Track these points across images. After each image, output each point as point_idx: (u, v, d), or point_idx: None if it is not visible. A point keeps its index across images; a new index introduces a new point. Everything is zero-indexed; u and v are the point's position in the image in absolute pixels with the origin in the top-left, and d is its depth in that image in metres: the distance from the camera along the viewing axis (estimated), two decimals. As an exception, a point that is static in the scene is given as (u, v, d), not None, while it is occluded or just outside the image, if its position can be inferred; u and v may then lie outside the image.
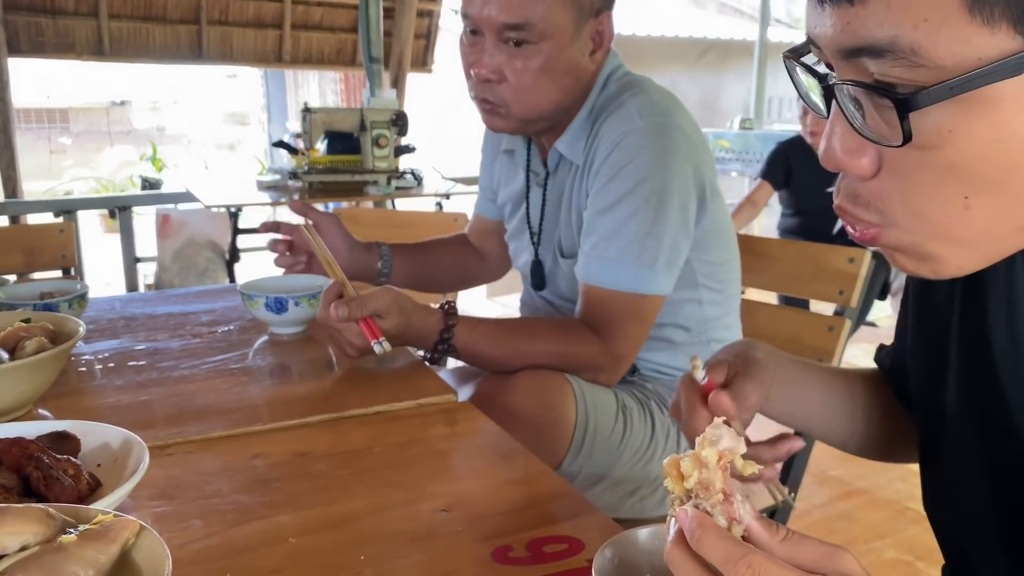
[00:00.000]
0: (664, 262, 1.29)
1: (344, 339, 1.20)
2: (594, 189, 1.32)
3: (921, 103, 0.50)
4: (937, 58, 0.49)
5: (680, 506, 0.54)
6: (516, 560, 0.76)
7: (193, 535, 0.80)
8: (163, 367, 1.25)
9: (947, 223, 0.54)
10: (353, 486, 0.91)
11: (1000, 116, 0.49)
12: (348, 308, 1.18)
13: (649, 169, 1.27)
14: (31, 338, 1.04)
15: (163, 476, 0.92)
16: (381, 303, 1.20)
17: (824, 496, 2.74)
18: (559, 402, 1.29)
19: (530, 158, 1.51)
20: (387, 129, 3.51)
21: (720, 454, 0.54)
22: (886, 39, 0.50)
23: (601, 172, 1.31)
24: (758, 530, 0.52)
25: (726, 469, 0.53)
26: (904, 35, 0.49)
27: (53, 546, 0.58)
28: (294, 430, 1.05)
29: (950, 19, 0.48)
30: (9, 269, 1.62)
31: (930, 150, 0.52)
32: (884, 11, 0.50)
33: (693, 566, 0.51)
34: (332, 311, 1.18)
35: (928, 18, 0.48)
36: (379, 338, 1.19)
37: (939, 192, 0.53)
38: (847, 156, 0.56)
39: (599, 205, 1.31)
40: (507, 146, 1.57)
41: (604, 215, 1.30)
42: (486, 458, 1.01)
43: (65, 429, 0.87)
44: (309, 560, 0.76)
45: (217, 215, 3.82)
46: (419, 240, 1.75)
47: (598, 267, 1.31)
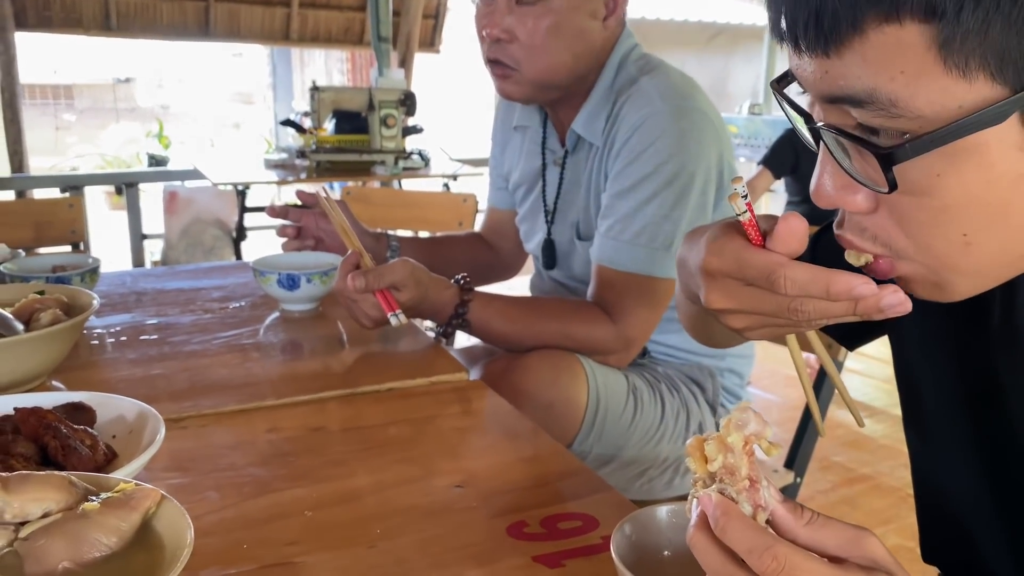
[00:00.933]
0: (679, 246, 1.29)
1: (360, 310, 1.20)
2: (614, 171, 1.31)
3: (903, 157, 0.50)
4: (916, 108, 0.48)
5: (703, 488, 0.54)
6: (531, 536, 0.77)
7: (209, 507, 0.80)
8: (175, 342, 1.25)
9: (951, 257, 0.54)
10: (367, 461, 0.91)
11: (987, 160, 0.49)
12: (365, 279, 1.18)
13: (670, 152, 1.27)
14: (46, 310, 1.05)
15: (177, 449, 0.92)
16: (398, 275, 1.19)
17: (828, 482, 2.75)
18: (570, 383, 1.29)
19: (546, 136, 1.50)
20: (395, 109, 3.50)
21: (746, 439, 0.53)
22: (864, 91, 0.50)
23: (621, 154, 1.30)
24: (783, 514, 0.52)
25: (752, 454, 0.52)
26: (881, 87, 0.49)
27: (76, 513, 0.59)
28: (307, 405, 1.05)
29: (925, 71, 0.47)
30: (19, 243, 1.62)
31: (921, 195, 0.52)
32: (860, 64, 0.49)
33: (716, 552, 0.51)
34: (349, 282, 1.18)
35: (904, 70, 0.48)
36: (396, 310, 1.19)
37: (938, 231, 0.53)
38: (841, 194, 0.56)
39: (618, 187, 1.30)
40: (519, 122, 1.56)
41: (623, 197, 1.30)
42: (499, 436, 1.02)
43: (81, 400, 0.88)
44: (325, 533, 0.76)
45: (224, 193, 3.82)
46: (427, 220, 1.75)
47: (613, 249, 1.30)
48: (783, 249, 0.59)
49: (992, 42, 0.45)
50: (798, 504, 0.53)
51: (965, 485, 0.71)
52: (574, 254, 1.48)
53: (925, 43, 0.46)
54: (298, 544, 0.74)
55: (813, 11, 0.49)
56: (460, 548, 0.74)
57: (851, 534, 0.51)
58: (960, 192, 0.50)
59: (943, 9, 0.45)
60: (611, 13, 1.34)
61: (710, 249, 0.63)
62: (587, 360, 1.32)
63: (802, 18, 0.50)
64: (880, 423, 3.13)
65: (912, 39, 0.47)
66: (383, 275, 1.19)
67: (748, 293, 0.61)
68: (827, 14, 0.49)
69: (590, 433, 1.32)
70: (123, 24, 4.72)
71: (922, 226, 0.53)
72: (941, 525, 0.78)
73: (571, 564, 0.72)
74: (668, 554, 0.67)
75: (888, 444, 2.99)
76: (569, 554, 0.73)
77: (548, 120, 1.50)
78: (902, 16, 0.46)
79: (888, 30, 0.47)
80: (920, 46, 0.47)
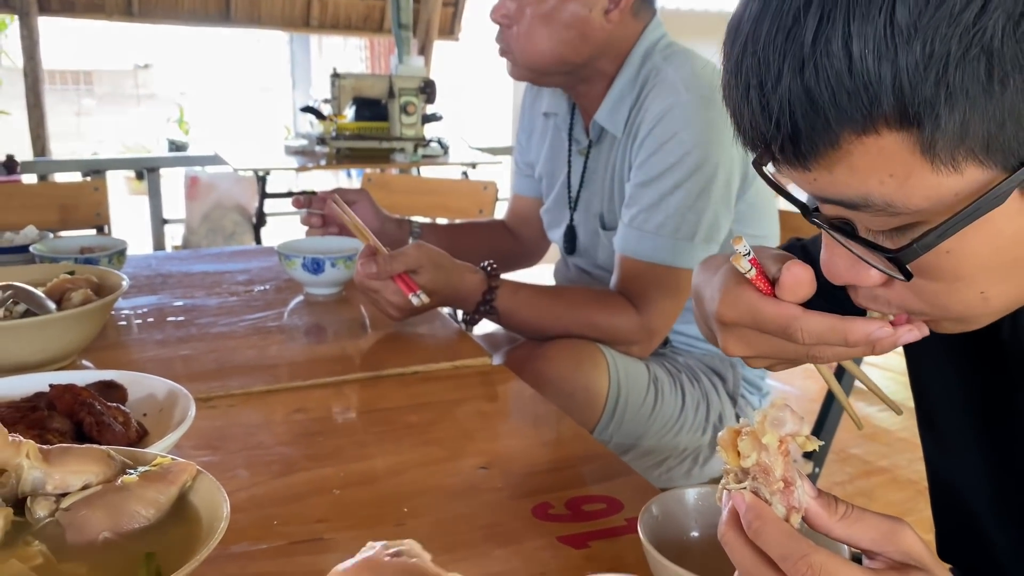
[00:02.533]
0: (703, 237, 1.29)
1: (383, 299, 1.21)
2: (638, 161, 1.32)
3: (912, 257, 0.49)
4: (913, 205, 0.48)
5: (735, 482, 0.53)
6: (556, 517, 0.77)
7: (240, 484, 0.81)
8: (201, 323, 1.26)
9: (970, 310, 0.54)
10: (392, 442, 0.92)
11: (993, 229, 0.48)
12: (377, 265, 1.19)
13: (694, 143, 1.27)
14: (77, 289, 1.06)
15: (207, 427, 0.93)
16: (411, 257, 1.20)
17: (845, 474, 2.75)
18: (592, 371, 1.29)
19: (573, 124, 1.50)
20: (415, 96, 3.50)
21: (781, 439, 0.51)
22: (857, 197, 0.49)
23: (645, 144, 1.30)
24: (816, 510, 0.51)
25: (787, 454, 0.51)
26: (873, 192, 0.48)
27: (115, 485, 0.60)
28: (332, 387, 1.06)
29: (914, 172, 0.46)
30: (44, 226, 1.64)
31: (934, 273, 0.52)
32: (847, 173, 0.48)
33: (749, 552, 0.51)
34: (360, 268, 1.19)
35: (893, 173, 0.47)
36: (416, 291, 1.19)
37: (954, 296, 0.53)
38: (853, 273, 0.55)
39: (642, 177, 1.31)
40: (548, 109, 1.56)
41: (647, 187, 1.30)
42: (523, 419, 1.02)
43: (112, 379, 0.89)
44: (353, 511, 0.77)
45: (245, 179, 3.84)
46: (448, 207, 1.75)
47: (636, 239, 1.31)
48: (792, 299, 0.60)
49: (975, 136, 0.44)
50: (832, 498, 0.52)
51: (978, 488, 0.72)
52: (598, 244, 1.48)
53: (908, 148, 0.45)
54: (327, 521, 0.75)
55: (787, 135, 0.48)
56: (486, 528, 0.75)
57: (885, 528, 0.50)
58: (972, 263, 0.50)
59: (919, 118, 0.44)
60: (615, 7, 1.34)
61: (724, 300, 0.64)
62: (608, 349, 1.32)
63: (776, 142, 0.49)
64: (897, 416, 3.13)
65: (894, 146, 0.46)
66: (396, 260, 1.20)
67: (765, 341, 0.63)
68: (802, 136, 0.47)
69: (610, 422, 1.33)
70: (144, 9, 4.74)
71: (938, 295, 0.53)
72: (955, 525, 0.78)
73: (596, 545, 0.73)
74: (694, 536, 0.68)
75: (906, 437, 2.98)
76: (594, 535, 0.74)
77: (576, 109, 1.50)
78: (878, 128, 0.45)
79: (867, 140, 0.46)
80: (904, 151, 0.46)
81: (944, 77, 0.43)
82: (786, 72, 0.46)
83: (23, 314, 1.01)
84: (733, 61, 0.51)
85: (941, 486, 0.79)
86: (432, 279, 1.22)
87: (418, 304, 1.20)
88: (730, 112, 0.53)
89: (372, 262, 1.19)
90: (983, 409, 0.70)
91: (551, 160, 1.57)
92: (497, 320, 1.32)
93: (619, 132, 1.37)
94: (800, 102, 0.46)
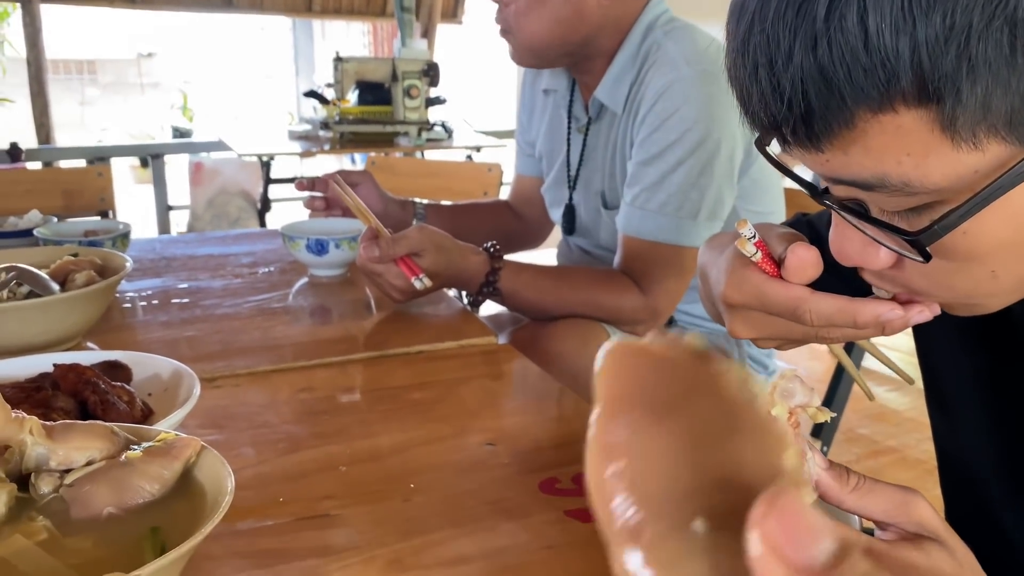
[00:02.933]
0: (707, 214, 1.28)
1: (386, 282, 1.21)
2: (639, 138, 1.30)
3: (932, 239, 0.48)
4: (931, 184, 0.46)
5: None
6: (563, 491, 0.77)
7: (246, 462, 0.81)
8: (206, 305, 1.26)
9: (979, 291, 0.53)
10: (398, 420, 0.92)
11: (1012, 209, 0.47)
12: (380, 248, 1.18)
13: (695, 119, 1.26)
14: (81, 271, 1.06)
15: (212, 407, 0.93)
16: (413, 240, 1.20)
17: (852, 454, 2.74)
18: (597, 350, 1.29)
19: (573, 101, 1.49)
20: (418, 80, 3.49)
21: (791, 411, 0.50)
22: (873, 178, 0.47)
23: (647, 121, 1.29)
24: (828, 482, 0.50)
25: (797, 426, 0.50)
26: (890, 172, 0.46)
27: (119, 461, 0.60)
28: (338, 367, 1.06)
29: (932, 150, 0.45)
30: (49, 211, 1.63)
31: (949, 254, 0.50)
32: (862, 154, 0.46)
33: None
34: (363, 252, 1.19)
35: (910, 152, 0.45)
36: (419, 275, 1.19)
37: (966, 275, 0.52)
38: (863, 254, 0.54)
39: (644, 155, 1.29)
40: (548, 85, 1.55)
41: (648, 165, 1.29)
42: (529, 396, 1.02)
43: (117, 359, 0.89)
44: (360, 487, 0.77)
45: (249, 164, 3.83)
46: (452, 189, 1.74)
47: (639, 219, 1.30)
48: (799, 281, 0.59)
49: (997, 112, 0.43)
50: (844, 469, 0.51)
51: (988, 466, 0.71)
52: (600, 223, 1.47)
53: (927, 125, 0.44)
54: (334, 498, 0.75)
55: (799, 115, 0.46)
56: (493, 503, 0.75)
57: (898, 498, 0.49)
58: (988, 242, 0.49)
59: (939, 93, 0.42)
60: None
61: (729, 283, 0.63)
62: (613, 330, 1.32)
63: (788, 123, 0.47)
64: (905, 396, 3.11)
65: (912, 124, 0.44)
66: (397, 243, 1.19)
67: (772, 323, 0.62)
68: (815, 117, 0.45)
69: (616, 401, 1.32)
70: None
71: (949, 274, 0.52)
72: (964, 504, 0.78)
73: (604, 519, 0.72)
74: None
75: (913, 417, 2.97)
76: (601, 509, 0.74)
77: (576, 85, 1.49)
78: (896, 105, 0.43)
79: (884, 119, 0.44)
80: (922, 129, 0.44)
81: (966, 50, 0.41)
82: (797, 49, 0.44)
83: (27, 295, 1.00)
84: (739, 39, 0.49)
85: (950, 465, 0.78)
86: (435, 262, 1.21)
87: (421, 288, 1.20)
88: (736, 94, 0.51)
89: (374, 245, 1.19)
90: (993, 387, 0.69)
91: (550, 138, 1.56)
92: (501, 301, 1.31)
93: (619, 109, 1.36)
94: (813, 80, 0.44)
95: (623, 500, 0.27)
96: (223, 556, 0.66)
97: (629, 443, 0.29)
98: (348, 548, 0.68)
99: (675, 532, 0.27)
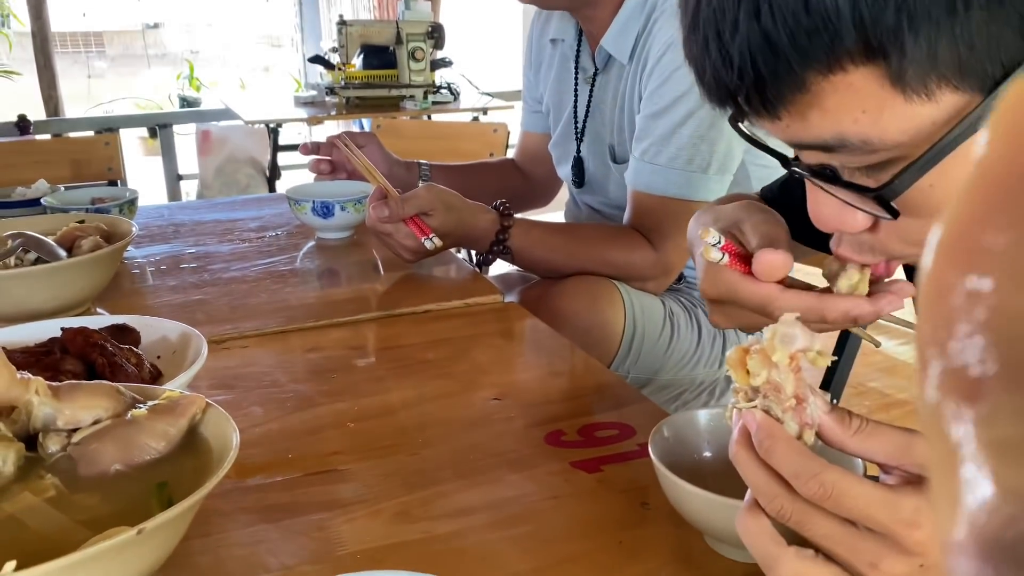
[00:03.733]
0: (717, 168, 1.27)
1: (396, 242, 1.20)
2: (647, 91, 1.29)
3: (895, 193, 0.48)
4: (890, 140, 0.46)
5: (745, 401, 0.51)
6: (568, 443, 0.77)
7: (254, 420, 0.82)
8: (214, 269, 1.26)
9: None
10: (406, 378, 0.92)
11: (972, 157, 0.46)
12: (389, 208, 1.18)
13: None
14: (87, 237, 1.06)
15: (221, 368, 0.94)
16: (423, 200, 1.19)
17: (864, 408, 2.74)
18: (607, 308, 1.28)
19: (580, 52, 1.47)
20: (423, 42, 3.45)
21: (792, 355, 0.49)
22: (832, 138, 0.47)
23: (655, 74, 1.27)
24: (830, 425, 0.49)
25: (798, 371, 0.49)
26: (848, 131, 0.47)
27: (125, 420, 0.60)
28: (345, 327, 1.06)
29: (887, 105, 0.45)
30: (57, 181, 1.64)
31: (920, 209, 0.50)
32: (819, 115, 0.47)
33: (760, 470, 0.49)
34: (373, 212, 1.18)
35: (865, 109, 0.45)
36: (429, 235, 1.19)
37: None
38: (840, 218, 0.54)
39: (652, 108, 1.28)
40: (555, 35, 1.53)
41: (657, 119, 1.27)
42: (536, 353, 1.02)
43: (124, 322, 0.89)
44: (368, 442, 0.78)
45: (257, 131, 3.82)
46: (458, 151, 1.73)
47: (649, 173, 1.29)
48: (769, 280, 0.61)
49: (945, 61, 0.43)
50: (846, 412, 0.50)
51: None
52: (609, 178, 1.46)
53: (877, 81, 0.44)
54: (342, 453, 0.76)
55: (751, 84, 0.46)
56: (499, 455, 0.75)
57: (902, 440, 0.49)
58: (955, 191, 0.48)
59: (883, 48, 0.42)
60: None
61: (705, 278, 0.65)
62: (623, 286, 1.31)
63: (741, 92, 0.47)
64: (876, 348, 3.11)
65: (862, 81, 0.44)
66: (407, 202, 1.19)
67: (748, 316, 0.64)
68: (767, 84, 0.46)
69: (627, 358, 1.32)
70: (149, -35, 4.69)
71: (923, 233, 0.52)
72: None
73: (608, 469, 0.73)
74: (706, 456, 0.67)
75: (927, 370, 2.97)
76: (606, 460, 0.74)
77: (583, 36, 1.47)
78: (844, 64, 0.44)
79: (835, 79, 0.44)
80: (873, 85, 0.44)
81: (904, 3, 0.41)
82: (742, 18, 0.45)
83: (34, 262, 1.01)
84: (690, 15, 0.49)
85: None
86: (444, 221, 1.21)
87: (431, 247, 1.19)
88: (693, 70, 0.51)
89: (384, 205, 1.19)
90: None
91: (558, 90, 1.54)
92: (511, 260, 1.31)
93: (626, 59, 1.34)
94: (760, 48, 0.45)
95: (970, 334, 0.17)
96: (232, 512, 0.67)
97: (1012, 256, 0.17)
98: (356, 501, 0.68)
99: None
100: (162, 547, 0.53)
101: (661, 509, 0.65)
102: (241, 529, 0.65)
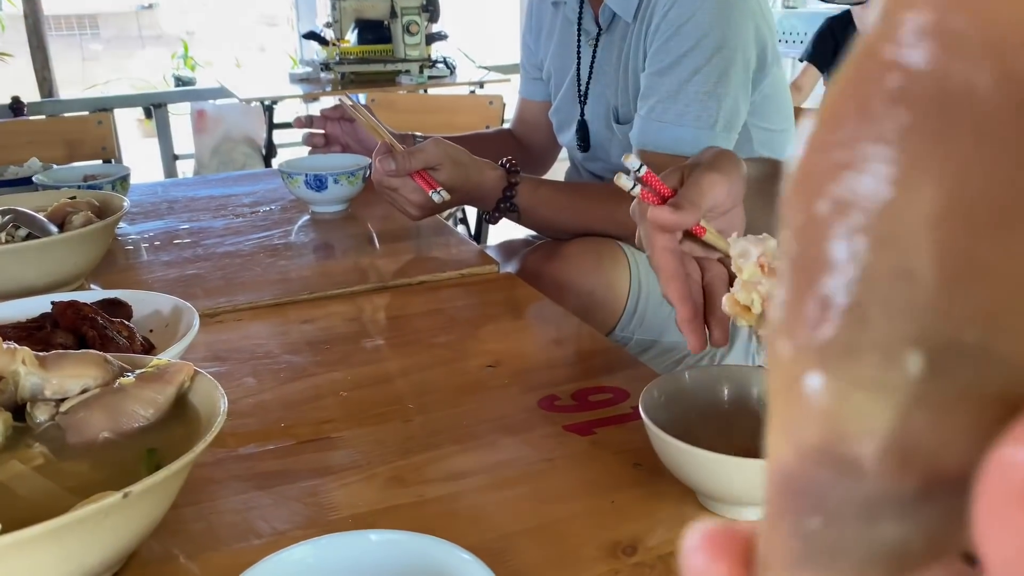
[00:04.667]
0: (724, 124, 1.26)
1: (402, 197, 1.19)
2: (653, 48, 1.27)
3: None
4: None
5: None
6: (562, 408, 0.77)
7: (247, 391, 0.82)
8: (208, 244, 1.26)
9: None
10: (400, 347, 0.92)
11: None
12: (396, 161, 1.17)
13: (710, 24, 1.22)
14: (78, 212, 1.06)
15: (214, 341, 0.93)
16: (430, 153, 1.18)
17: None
18: (612, 269, 1.28)
19: (582, 13, 1.46)
20: (417, 16, 3.42)
21: (759, 264, 0.51)
22: None
23: (660, 29, 1.26)
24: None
25: (774, 274, 0.51)
26: None
27: (113, 388, 0.60)
28: (340, 299, 1.06)
29: None
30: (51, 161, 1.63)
31: None
32: None
33: None
34: (379, 165, 1.17)
35: None
36: (436, 188, 1.17)
37: None
38: None
39: (658, 64, 1.26)
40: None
41: (663, 75, 1.26)
42: (531, 321, 1.02)
43: (116, 296, 0.89)
44: (361, 410, 0.77)
45: (252, 109, 3.80)
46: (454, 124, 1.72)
47: (656, 131, 1.27)
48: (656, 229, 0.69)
49: None
50: None
51: None
52: (612, 140, 1.44)
53: None
54: (335, 422, 0.76)
55: None
56: (492, 420, 0.75)
57: None
58: None
59: None
60: None
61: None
62: (628, 247, 1.31)
63: None
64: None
65: None
66: (414, 156, 1.17)
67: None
68: None
69: (632, 319, 1.32)
70: (140, -57, 4.65)
71: None
72: None
73: (602, 432, 0.73)
74: (696, 416, 0.67)
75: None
76: (599, 423, 0.74)
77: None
78: None
79: None
80: None
81: None
82: None
83: (25, 238, 1.00)
84: None
85: None
86: (452, 176, 1.19)
87: (439, 201, 1.18)
88: None
89: (390, 159, 1.17)
90: None
91: (560, 54, 1.52)
92: (517, 219, 1.30)
93: (630, 17, 1.33)
94: None
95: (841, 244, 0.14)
96: (225, 479, 0.67)
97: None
98: (349, 467, 0.68)
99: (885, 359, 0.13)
100: (151, 512, 0.52)
101: (653, 470, 0.65)
102: (233, 496, 0.65)
